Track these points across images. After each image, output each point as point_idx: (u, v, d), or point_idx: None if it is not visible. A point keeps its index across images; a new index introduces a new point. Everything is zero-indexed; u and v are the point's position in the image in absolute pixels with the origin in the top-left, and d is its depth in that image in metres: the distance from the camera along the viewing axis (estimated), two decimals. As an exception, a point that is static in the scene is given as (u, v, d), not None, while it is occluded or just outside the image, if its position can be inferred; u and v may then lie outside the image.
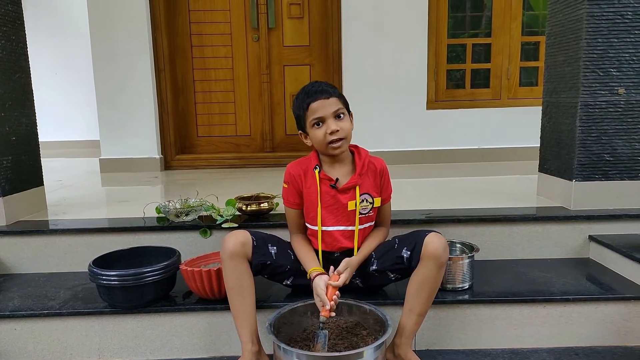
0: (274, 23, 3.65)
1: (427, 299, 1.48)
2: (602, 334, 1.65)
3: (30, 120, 2.23)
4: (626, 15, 1.93)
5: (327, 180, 1.57)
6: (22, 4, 2.20)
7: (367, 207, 1.58)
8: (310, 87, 1.55)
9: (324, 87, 1.53)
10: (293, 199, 1.62)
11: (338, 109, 1.51)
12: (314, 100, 1.50)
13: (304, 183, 1.59)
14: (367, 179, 1.59)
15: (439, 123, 3.66)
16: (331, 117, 1.50)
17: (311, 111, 1.51)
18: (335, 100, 1.51)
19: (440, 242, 1.45)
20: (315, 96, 1.50)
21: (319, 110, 1.50)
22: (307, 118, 1.52)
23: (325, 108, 1.50)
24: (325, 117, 1.50)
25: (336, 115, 1.51)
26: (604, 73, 1.97)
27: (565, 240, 2.00)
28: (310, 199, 1.58)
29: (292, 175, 1.60)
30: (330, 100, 1.50)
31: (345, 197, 1.56)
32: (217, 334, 1.65)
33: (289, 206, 1.64)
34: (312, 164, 1.59)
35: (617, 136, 2.01)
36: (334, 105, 1.51)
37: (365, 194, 1.58)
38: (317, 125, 1.51)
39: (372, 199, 1.59)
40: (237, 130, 3.83)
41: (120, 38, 3.46)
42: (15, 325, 1.62)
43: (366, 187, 1.58)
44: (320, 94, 1.50)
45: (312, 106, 1.50)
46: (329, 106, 1.50)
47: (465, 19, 3.78)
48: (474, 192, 2.58)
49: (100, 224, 2.04)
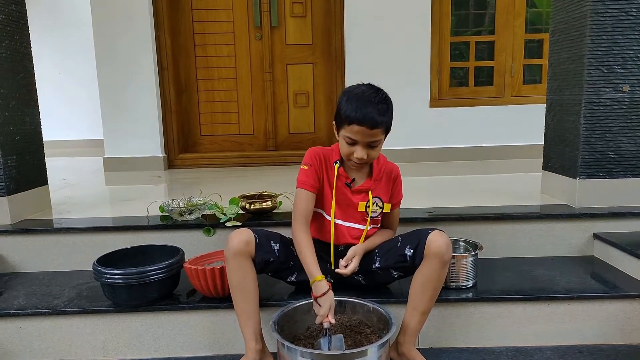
0: (276, 21, 3.65)
1: (431, 297, 1.48)
2: (607, 332, 1.65)
3: (34, 120, 2.24)
4: (630, 12, 1.92)
5: (344, 178, 1.57)
6: (26, 4, 2.21)
7: (376, 210, 1.60)
8: (364, 98, 1.42)
9: (377, 113, 1.41)
10: (312, 182, 1.54)
11: (375, 140, 1.45)
12: (358, 124, 1.41)
13: (326, 170, 1.57)
14: (380, 184, 1.61)
15: (443, 121, 3.65)
16: (364, 144, 1.46)
17: (350, 130, 1.44)
18: (377, 132, 1.43)
19: (443, 240, 1.44)
20: (363, 120, 1.40)
21: (357, 135, 1.43)
22: (344, 128, 1.46)
23: (364, 137, 1.43)
24: (359, 142, 1.46)
25: (370, 144, 1.47)
26: (608, 70, 1.96)
27: (570, 238, 1.99)
28: (324, 188, 1.58)
29: (318, 158, 1.56)
30: (373, 132, 1.42)
31: (357, 198, 1.58)
32: (220, 332, 1.65)
33: (304, 187, 1.54)
34: (334, 158, 1.58)
35: (621, 134, 2.00)
36: (374, 136, 1.44)
37: (376, 198, 1.59)
38: (349, 143, 1.47)
39: (382, 203, 1.61)
40: (240, 129, 3.83)
41: (124, 37, 3.46)
42: (20, 323, 1.63)
43: (378, 192, 1.60)
44: (369, 121, 1.40)
45: (353, 127, 1.43)
46: (368, 136, 1.43)
47: (468, 16, 3.77)
48: (478, 190, 2.57)
49: (105, 223, 2.05)
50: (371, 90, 1.46)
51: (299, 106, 3.80)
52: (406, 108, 3.60)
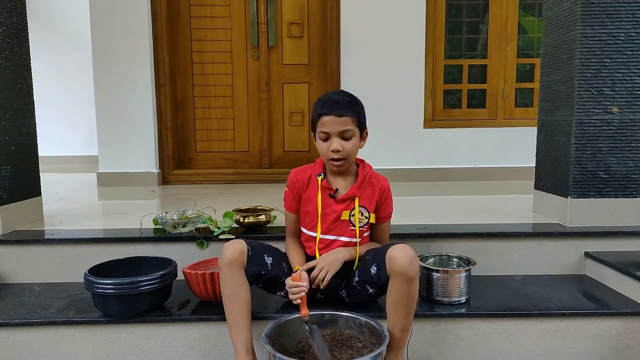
0: (274, 41, 3.71)
1: (406, 315, 1.44)
2: (599, 349, 1.65)
3: (31, 131, 2.25)
4: (618, 36, 1.98)
5: (327, 190, 1.58)
6: (27, 17, 2.24)
7: (362, 220, 1.58)
8: (329, 96, 1.54)
9: (342, 102, 1.50)
10: (291, 204, 1.65)
11: (347, 129, 1.50)
12: (326, 114, 1.49)
13: (305, 188, 1.61)
14: (365, 192, 1.59)
15: (436, 142, 3.70)
16: (337, 135, 1.50)
17: (321, 123, 1.52)
18: (346, 120, 1.49)
19: (404, 255, 1.38)
20: (329, 109, 1.49)
21: (327, 125, 1.50)
22: (317, 127, 1.54)
23: (334, 125, 1.49)
24: (331, 134, 1.50)
25: (342, 134, 1.50)
26: (597, 92, 2.01)
27: (562, 256, 2.00)
28: (309, 204, 1.60)
29: (293, 182, 1.63)
30: (342, 119, 1.48)
31: (340, 207, 1.58)
32: (212, 345, 1.63)
33: (287, 210, 1.68)
34: (317, 171, 1.61)
35: (611, 154, 2.04)
36: (344, 124, 1.49)
37: (361, 207, 1.58)
38: (323, 139, 1.53)
39: (368, 213, 1.59)
40: (236, 146, 3.85)
41: (122, 53, 3.50)
42: (7, 333, 1.61)
43: (363, 201, 1.59)
44: (335, 109, 1.48)
45: (323, 119, 1.50)
46: (338, 124, 1.49)
47: (461, 41, 3.85)
48: (471, 210, 2.59)
49: (97, 235, 2.04)
50: (338, 91, 1.59)
51: (294, 125, 3.83)
52: (401, 129, 3.66)
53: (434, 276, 1.69)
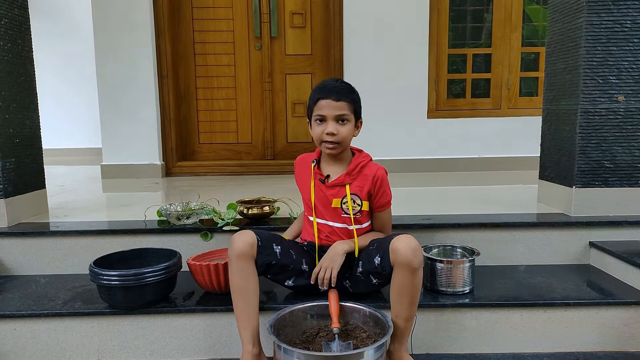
0: (276, 32, 3.69)
1: (410, 305, 1.44)
2: (603, 339, 1.65)
3: (34, 123, 2.25)
4: (625, 24, 1.96)
5: (318, 175, 1.63)
6: (29, 9, 2.23)
7: (355, 208, 1.59)
8: (327, 82, 1.59)
9: (339, 88, 1.56)
10: (298, 186, 1.73)
11: (343, 114, 1.54)
12: (323, 98, 1.54)
13: (303, 173, 1.69)
14: (356, 181, 1.60)
15: (440, 132, 3.68)
16: (333, 119, 1.54)
17: (318, 107, 1.56)
18: (343, 105, 1.54)
19: (408, 245, 1.39)
20: (327, 94, 1.54)
21: (324, 109, 1.54)
22: (313, 112, 1.57)
23: (331, 109, 1.53)
24: (327, 117, 1.54)
25: (338, 118, 1.55)
26: (603, 80, 1.99)
27: (566, 246, 2.00)
28: (304, 188, 1.67)
29: (295, 165, 1.75)
30: (339, 104, 1.53)
31: (331, 193, 1.60)
32: (217, 336, 1.64)
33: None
34: (313, 158, 1.67)
35: (616, 143, 2.02)
36: (340, 109, 1.54)
37: (352, 195, 1.59)
38: (319, 122, 1.57)
39: (360, 201, 1.59)
40: (239, 138, 3.85)
41: (124, 44, 3.49)
42: (15, 325, 1.62)
43: (353, 189, 1.60)
44: (332, 94, 1.53)
45: (320, 103, 1.55)
46: (335, 109, 1.53)
47: (465, 29, 3.82)
48: (475, 200, 2.59)
49: (101, 227, 2.04)
50: (336, 79, 1.63)
51: (297, 115, 3.82)
52: (404, 119, 3.64)
53: (438, 266, 1.69)
